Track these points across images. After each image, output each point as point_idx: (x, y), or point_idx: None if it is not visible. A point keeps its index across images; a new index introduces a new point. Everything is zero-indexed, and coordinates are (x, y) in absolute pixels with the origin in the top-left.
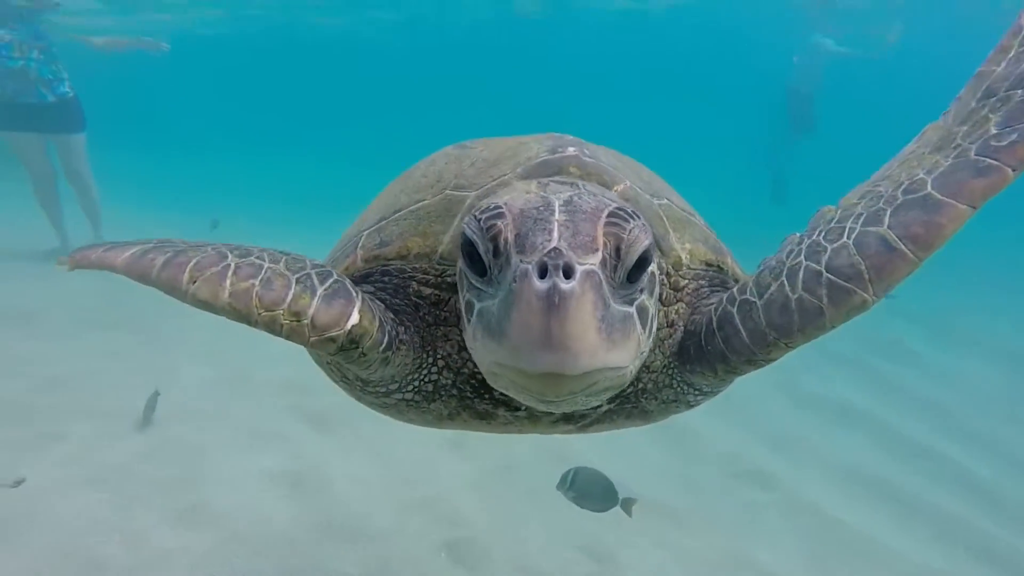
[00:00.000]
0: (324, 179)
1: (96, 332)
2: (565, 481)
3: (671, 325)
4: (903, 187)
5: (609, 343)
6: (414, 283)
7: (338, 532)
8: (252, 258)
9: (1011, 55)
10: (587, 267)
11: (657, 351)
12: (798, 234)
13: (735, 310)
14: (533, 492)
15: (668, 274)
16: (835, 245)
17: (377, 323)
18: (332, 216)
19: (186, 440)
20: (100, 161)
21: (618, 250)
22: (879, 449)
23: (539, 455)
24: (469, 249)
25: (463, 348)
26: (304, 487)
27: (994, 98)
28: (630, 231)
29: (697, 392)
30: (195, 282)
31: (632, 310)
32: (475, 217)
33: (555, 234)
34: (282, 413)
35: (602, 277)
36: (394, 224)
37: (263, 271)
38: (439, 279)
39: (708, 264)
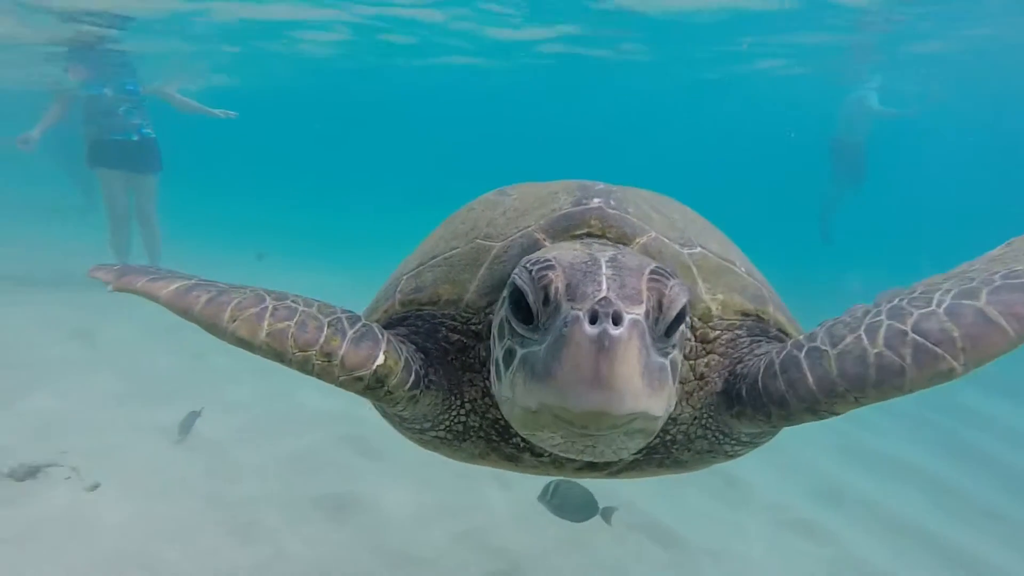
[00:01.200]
0: (389, 224)
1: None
2: (546, 492)
3: (700, 378)
4: (1001, 274)
5: (649, 389)
6: (443, 328)
7: (385, 557)
8: (288, 302)
9: None
10: (634, 316)
11: (685, 403)
12: (864, 305)
13: (802, 355)
14: (573, 528)
15: (694, 327)
16: (923, 311)
17: (403, 363)
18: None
19: (236, 460)
20: (170, 199)
21: (660, 304)
22: (936, 508)
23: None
24: (517, 297)
25: (487, 394)
26: (351, 511)
27: None
28: (671, 288)
29: (735, 442)
30: (235, 321)
31: (667, 362)
32: (526, 268)
33: (604, 285)
34: (331, 441)
35: (645, 327)
36: (429, 270)
37: (298, 314)
38: (464, 326)
39: (745, 314)
